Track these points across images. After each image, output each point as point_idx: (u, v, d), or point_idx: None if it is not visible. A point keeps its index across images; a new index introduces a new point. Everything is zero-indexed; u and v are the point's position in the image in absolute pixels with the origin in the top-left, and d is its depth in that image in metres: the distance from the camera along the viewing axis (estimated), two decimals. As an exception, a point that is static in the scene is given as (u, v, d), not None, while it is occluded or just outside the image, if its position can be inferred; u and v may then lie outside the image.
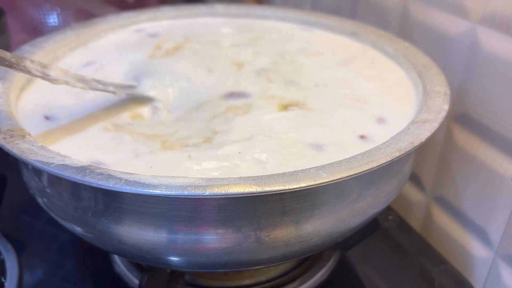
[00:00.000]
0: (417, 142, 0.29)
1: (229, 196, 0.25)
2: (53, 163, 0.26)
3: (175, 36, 0.49)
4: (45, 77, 0.32)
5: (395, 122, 0.35)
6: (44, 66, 0.32)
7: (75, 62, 0.44)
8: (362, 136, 0.33)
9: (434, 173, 0.48)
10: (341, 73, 0.42)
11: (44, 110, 0.36)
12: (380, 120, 0.35)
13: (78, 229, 0.31)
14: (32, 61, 0.31)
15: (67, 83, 0.33)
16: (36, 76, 0.32)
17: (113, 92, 0.36)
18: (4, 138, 0.29)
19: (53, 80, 0.32)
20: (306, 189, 0.25)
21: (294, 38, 0.49)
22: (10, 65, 0.30)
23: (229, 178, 0.25)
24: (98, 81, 0.35)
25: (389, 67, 0.43)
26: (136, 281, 0.40)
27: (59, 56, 0.44)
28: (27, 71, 0.31)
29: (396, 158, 0.28)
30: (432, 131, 0.30)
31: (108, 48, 0.47)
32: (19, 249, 0.41)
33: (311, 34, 0.50)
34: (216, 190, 0.25)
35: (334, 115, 0.36)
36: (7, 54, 0.30)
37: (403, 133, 0.30)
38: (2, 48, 0.30)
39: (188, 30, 0.50)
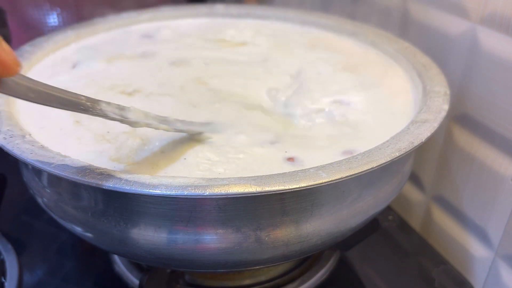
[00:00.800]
0: (417, 142, 0.29)
1: (229, 196, 0.25)
2: (53, 163, 0.26)
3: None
4: (124, 120, 0.28)
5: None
6: (121, 108, 0.28)
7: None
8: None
9: (434, 172, 0.48)
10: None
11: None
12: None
13: (78, 229, 0.31)
14: (108, 103, 0.27)
15: (148, 125, 0.29)
16: (114, 120, 0.27)
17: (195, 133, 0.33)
18: (4, 138, 0.29)
19: (133, 123, 0.29)
20: (306, 189, 0.25)
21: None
22: (86, 110, 0.26)
23: (229, 178, 0.25)
24: (181, 122, 0.32)
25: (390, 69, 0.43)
26: (136, 281, 0.40)
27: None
28: (103, 115, 0.27)
29: (396, 158, 0.28)
30: (432, 131, 0.30)
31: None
32: (19, 249, 0.41)
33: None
34: (216, 190, 0.25)
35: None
36: (82, 98, 0.26)
37: (403, 133, 0.30)
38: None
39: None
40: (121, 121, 0.28)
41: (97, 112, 0.26)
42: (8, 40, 0.53)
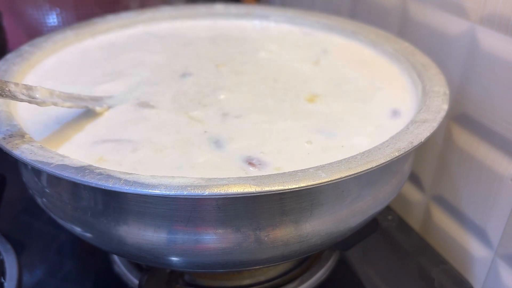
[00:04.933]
0: (416, 142, 0.29)
1: (228, 196, 0.25)
2: (52, 163, 0.26)
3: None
4: (32, 100, 0.30)
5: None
6: (29, 88, 0.30)
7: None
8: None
9: (433, 172, 0.48)
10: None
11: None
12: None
13: (77, 229, 0.31)
14: (16, 84, 0.29)
15: (55, 104, 0.32)
16: (23, 101, 0.29)
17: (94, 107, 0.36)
18: (4, 138, 0.29)
19: (40, 103, 0.31)
20: (306, 188, 0.25)
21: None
22: None
23: (228, 178, 0.25)
24: (83, 98, 0.35)
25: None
26: (136, 281, 0.40)
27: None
28: (13, 96, 0.28)
29: (395, 157, 0.28)
30: (432, 131, 0.30)
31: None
32: (19, 249, 0.41)
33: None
34: (215, 190, 0.25)
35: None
36: None
37: (402, 133, 0.30)
38: None
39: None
40: (29, 101, 0.30)
41: (7, 94, 0.28)
42: (4, 42, 0.53)
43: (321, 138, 0.33)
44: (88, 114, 0.36)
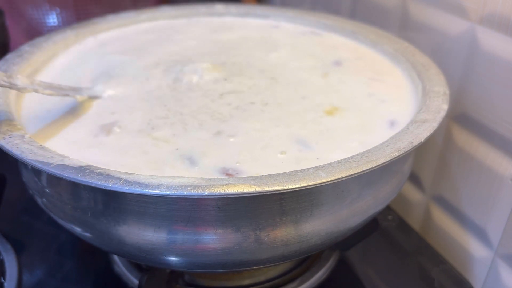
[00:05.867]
0: (416, 142, 0.29)
1: (228, 196, 0.25)
2: (52, 163, 0.26)
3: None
4: (13, 86, 0.32)
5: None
6: (9, 76, 0.32)
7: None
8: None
9: (433, 172, 0.48)
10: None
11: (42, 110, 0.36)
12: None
13: (77, 229, 0.31)
14: None
15: (36, 91, 0.33)
16: (3, 86, 0.31)
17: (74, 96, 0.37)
18: (3, 138, 0.29)
19: (21, 89, 0.32)
20: (306, 188, 0.25)
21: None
22: None
23: (228, 178, 0.25)
24: (63, 87, 0.36)
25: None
26: (136, 281, 0.40)
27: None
28: None
29: (395, 157, 0.28)
30: (432, 131, 0.30)
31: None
32: (19, 249, 0.41)
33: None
34: (215, 190, 0.25)
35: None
36: None
37: (402, 133, 0.30)
38: (1, 47, 0.29)
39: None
40: (10, 87, 0.32)
41: None
42: (6, 41, 0.53)
43: (296, 149, 0.32)
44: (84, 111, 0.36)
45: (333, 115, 0.35)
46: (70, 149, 0.31)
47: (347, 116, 0.36)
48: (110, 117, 0.35)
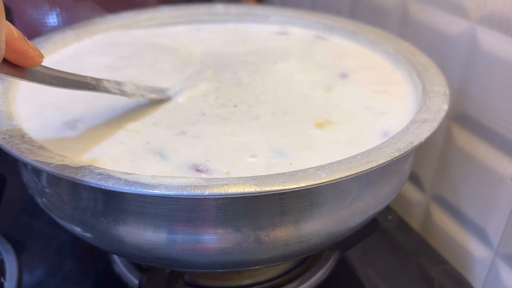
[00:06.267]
0: (416, 142, 0.29)
1: (228, 196, 0.25)
2: (52, 163, 0.26)
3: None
4: (123, 94, 0.34)
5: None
6: (119, 83, 0.34)
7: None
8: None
9: (433, 172, 0.48)
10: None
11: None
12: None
13: (77, 229, 0.31)
14: (108, 81, 0.33)
15: (142, 95, 0.36)
16: (115, 94, 0.33)
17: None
18: (4, 138, 0.29)
19: (130, 95, 0.35)
20: (306, 188, 0.25)
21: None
22: (93, 88, 0.31)
23: (228, 178, 0.25)
24: (164, 89, 0.38)
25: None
26: (136, 281, 0.40)
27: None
28: (107, 91, 0.33)
29: (395, 157, 0.28)
30: (432, 131, 0.30)
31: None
32: (19, 249, 0.41)
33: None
34: (215, 190, 0.25)
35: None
36: (88, 79, 0.31)
37: (402, 133, 0.30)
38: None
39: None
40: (121, 94, 0.34)
41: (102, 89, 0.32)
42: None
43: (269, 156, 0.31)
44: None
45: (322, 128, 0.34)
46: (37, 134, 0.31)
47: (337, 130, 0.34)
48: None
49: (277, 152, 0.32)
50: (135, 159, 0.30)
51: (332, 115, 0.36)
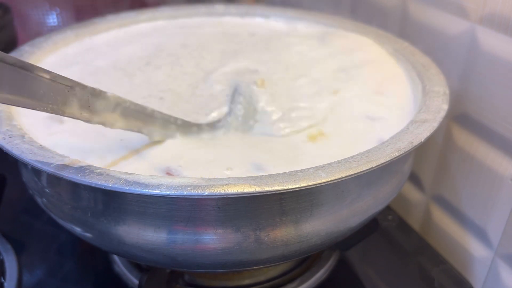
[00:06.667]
0: (416, 142, 0.29)
1: (228, 196, 0.25)
2: (52, 163, 0.26)
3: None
4: (142, 132, 0.32)
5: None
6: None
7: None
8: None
9: (433, 172, 0.48)
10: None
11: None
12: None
13: (77, 229, 0.31)
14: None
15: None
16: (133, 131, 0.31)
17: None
18: (4, 138, 0.29)
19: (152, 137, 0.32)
20: (306, 188, 0.25)
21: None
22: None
23: (228, 178, 0.25)
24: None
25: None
26: (136, 281, 0.40)
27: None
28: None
29: (395, 157, 0.28)
30: (432, 131, 0.30)
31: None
32: (19, 249, 0.41)
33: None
34: (215, 190, 0.25)
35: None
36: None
37: (402, 133, 0.30)
38: (6, 47, 0.29)
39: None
40: (139, 131, 0.31)
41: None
42: (15, 37, 0.53)
43: (246, 169, 0.30)
44: None
45: (314, 142, 0.33)
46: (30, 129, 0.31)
47: (329, 144, 0.33)
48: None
49: (257, 167, 0.31)
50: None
51: (328, 127, 0.35)
